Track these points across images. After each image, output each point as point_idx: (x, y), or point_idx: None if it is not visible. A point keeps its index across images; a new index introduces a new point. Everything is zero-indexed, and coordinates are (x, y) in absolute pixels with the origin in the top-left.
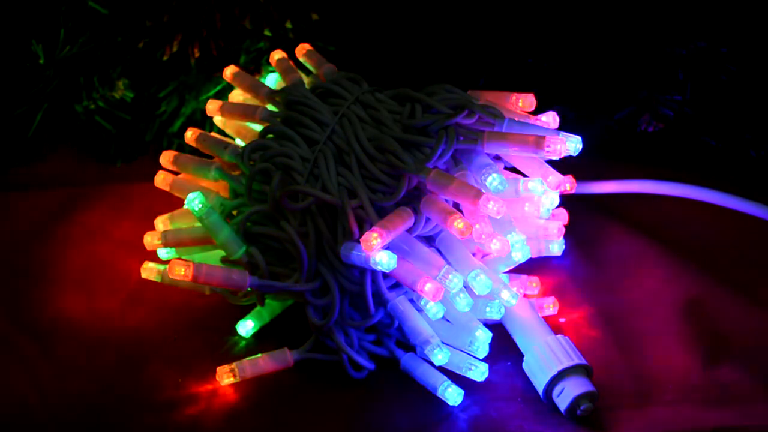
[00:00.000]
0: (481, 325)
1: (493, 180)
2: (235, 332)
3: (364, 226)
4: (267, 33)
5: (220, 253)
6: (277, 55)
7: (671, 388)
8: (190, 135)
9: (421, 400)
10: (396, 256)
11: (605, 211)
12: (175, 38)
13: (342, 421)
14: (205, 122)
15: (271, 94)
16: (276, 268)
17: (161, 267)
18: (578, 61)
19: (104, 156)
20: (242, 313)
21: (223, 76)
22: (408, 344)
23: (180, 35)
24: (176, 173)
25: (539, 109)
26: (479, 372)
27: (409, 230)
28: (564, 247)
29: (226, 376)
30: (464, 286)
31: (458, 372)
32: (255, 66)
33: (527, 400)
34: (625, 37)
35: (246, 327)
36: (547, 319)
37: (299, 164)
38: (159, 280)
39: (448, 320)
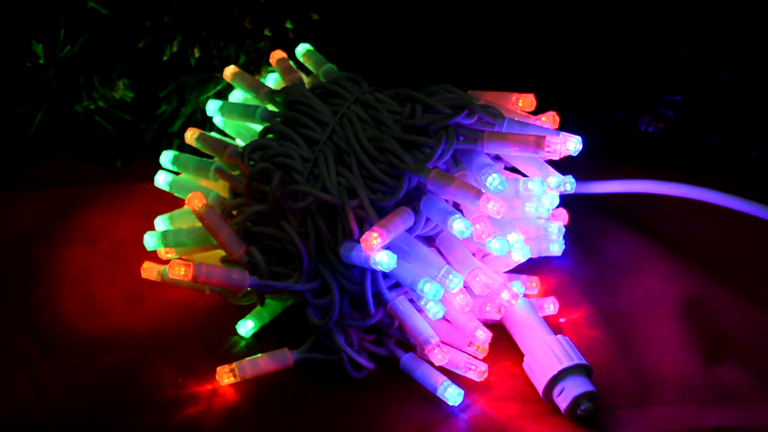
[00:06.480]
0: (481, 325)
1: (493, 180)
2: (235, 332)
3: (364, 226)
4: (267, 33)
5: (220, 253)
6: (277, 55)
7: (671, 388)
8: (190, 135)
9: (421, 400)
10: (396, 256)
11: (605, 211)
12: (175, 38)
13: (342, 421)
14: (205, 122)
15: (271, 94)
16: (276, 268)
17: (161, 267)
18: (578, 61)
19: (104, 156)
20: (242, 313)
21: (223, 76)
22: (408, 344)
23: (180, 35)
24: (176, 173)
25: (539, 109)
26: (479, 372)
27: (409, 230)
28: (564, 247)
29: (226, 376)
30: (464, 286)
31: (458, 372)
32: (255, 66)
33: (527, 400)
34: (626, 37)
35: (246, 327)
36: (547, 319)
37: (299, 164)
38: (159, 280)
39: (448, 320)
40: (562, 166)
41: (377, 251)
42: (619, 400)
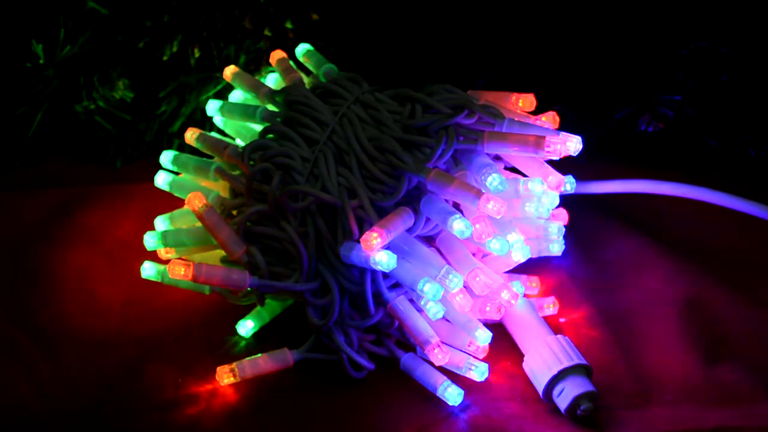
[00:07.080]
0: (481, 325)
1: (493, 180)
2: (235, 332)
3: (364, 226)
4: (267, 33)
5: (220, 253)
6: (277, 55)
7: (671, 388)
8: (190, 135)
9: (421, 400)
10: (396, 256)
11: (605, 211)
12: (175, 38)
13: (342, 421)
14: (205, 122)
15: (271, 94)
16: (276, 268)
17: (161, 267)
18: (578, 61)
19: (104, 156)
20: (242, 313)
21: (223, 76)
22: (408, 344)
23: (180, 35)
24: (176, 173)
25: (539, 109)
26: (479, 372)
27: (409, 230)
28: (564, 247)
29: (226, 376)
30: (464, 286)
31: (458, 372)
32: (255, 66)
33: (527, 400)
34: (625, 37)
35: (246, 327)
36: (547, 319)
37: (299, 164)
38: (159, 280)
39: (448, 320)
40: (562, 166)
41: (377, 251)
42: (619, 400)
